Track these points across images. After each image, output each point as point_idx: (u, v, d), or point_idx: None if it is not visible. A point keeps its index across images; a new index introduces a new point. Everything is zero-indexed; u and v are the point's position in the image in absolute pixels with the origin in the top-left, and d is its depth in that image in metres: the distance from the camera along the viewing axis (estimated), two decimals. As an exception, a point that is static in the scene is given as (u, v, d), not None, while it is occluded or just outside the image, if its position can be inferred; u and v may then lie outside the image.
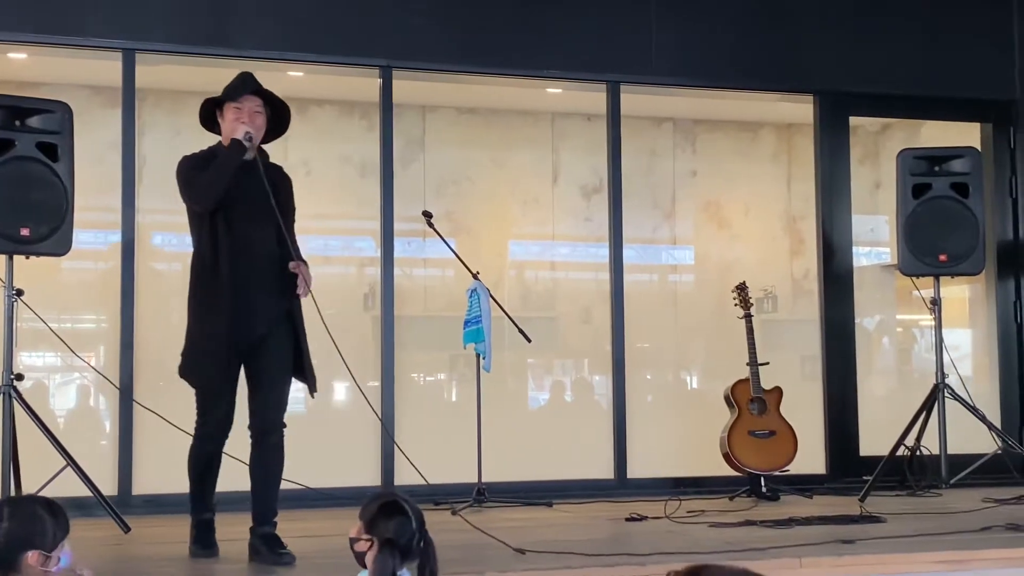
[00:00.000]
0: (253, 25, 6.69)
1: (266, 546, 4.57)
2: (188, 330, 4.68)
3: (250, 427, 4.69)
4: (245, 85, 4.80)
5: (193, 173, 4.66)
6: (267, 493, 4.71)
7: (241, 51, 6.70)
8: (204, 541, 4.77)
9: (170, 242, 7.72)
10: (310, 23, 6.78)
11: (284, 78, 7.38)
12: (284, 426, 4.74)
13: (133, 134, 6.59)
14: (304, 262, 4.73)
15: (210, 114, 4.85)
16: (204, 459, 4.77)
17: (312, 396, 4.85)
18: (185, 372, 4.66)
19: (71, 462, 5.35)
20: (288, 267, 4.65)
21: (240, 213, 4.60)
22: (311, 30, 6.78)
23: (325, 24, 6.80)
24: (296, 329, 4.72)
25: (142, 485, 6.44)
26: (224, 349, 4.54)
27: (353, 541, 3.17)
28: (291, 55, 6.84)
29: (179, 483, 6.48)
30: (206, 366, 4.59)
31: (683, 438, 7.64)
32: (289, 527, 4.89)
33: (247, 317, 4.56)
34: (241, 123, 4.66)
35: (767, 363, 6.93)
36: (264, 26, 6.71)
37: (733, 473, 6.87)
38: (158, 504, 6.30)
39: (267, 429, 4.67)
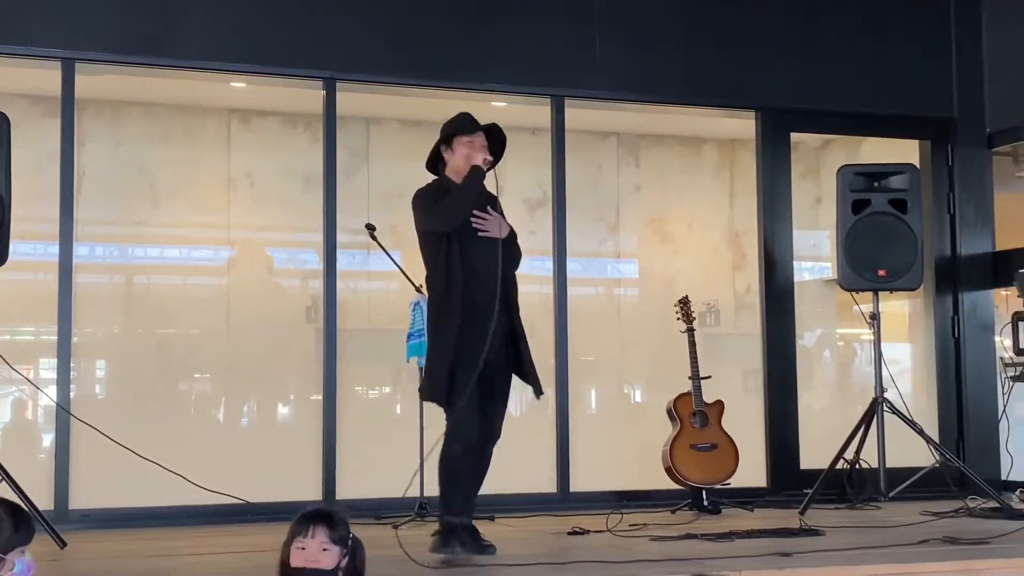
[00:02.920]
0: (196, 35, 6.64)
1: (470, 537, 4.97)
2: (436, 351, 5.01)
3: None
4: (475, 123, 5.24)
5: (433, 200, 5.06)
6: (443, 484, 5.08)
7: (184, 61, 6.65)
8: (479, 542, 5.00)
9: (111, 254, 7.64)
10: (254, 34, 6.73)
11: (227, 89, 7.35)
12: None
13: (72, 144, 6.51)
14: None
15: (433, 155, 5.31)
16: (457, 461, 5.03)
17: (537, 398, 5.33)
18: (436, 393, 4.97)
19: (6, 476, 5.27)
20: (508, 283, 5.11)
21: (474, 238, 5.02)
22: (255, 41, 6.73)
23: (269, 35, 6.76)
24: (519, 342, 5.13)
25: (79, 500, 6.35)
26: (472, 368, 4.88)
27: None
28: (234, 66, 6.79)
29: (116, 498, 6.44)
30: (460, 386, 4.89)
31: (626, 451, 7.66)
32: (228, 542, 4.85)
33: (485, 338, 4.91)
34: (477, 151, 5.11)
35: (709, 377, 6.97)
36: (207, 36, 6.66)
37: (675, 486, 6.89)
38: (95, 519, 6.23)
39: (492, 439, 5.13)
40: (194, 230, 7.76)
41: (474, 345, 4.89)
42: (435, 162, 5.33)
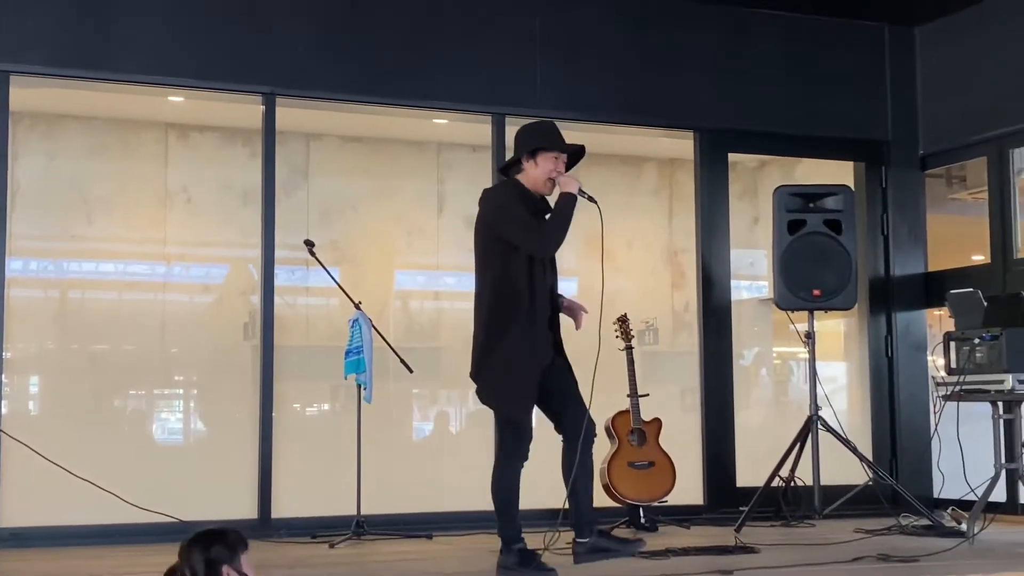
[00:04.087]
0: (134, 49, 6.57)
1: (611, 540, 5.11)
2: (500, 360, 4.95)
3: (565, 431, 5.11)
4: (564, 141, 5.19)
5: (521, 212, 5.00)
6: (586, 492, 5.19)
7: (121, 75, 6.59)
8: (540, 564, 4.98)
9: (45, 268, 7.55)
10: (193, 48, 6.68)
11: (165, 103, 7.29)
12: None
13: (6, 158, 6.41)
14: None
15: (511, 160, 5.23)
16: (518, 479, 5.07)
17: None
18: (503, 402, 4.99)
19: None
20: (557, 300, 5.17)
21: (545, 260, 5.09)
22: (193, 55, 6.68)
23: (208, 49, 6.71)
24: (563, 353, 5.19)
25: (9, 518, 6.25)
26: (535, 378, 4.94)
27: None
28: (172, 80, 6.73)
29: (48, 516, 6.34)
30: (526, 395, 4.94)
31: (564, 469, 7.65)
32: (161, 561, 4.78)
33: (544, 349, 5.01)
34: (569, 176, 5.11)
35: (647, 395, 7.00)
36: (145, 50, 6.60)
37: (613, 504, 6.91)
38: (25, 538, 6.12)
39: (581, 435, 5.09)
40: (130, 245, 7.69)
41: (539, 356, 4.96)
42: (508, 169, 5.26)
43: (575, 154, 5.25)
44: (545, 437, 5.28)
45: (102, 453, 6.87)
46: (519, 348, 4.92)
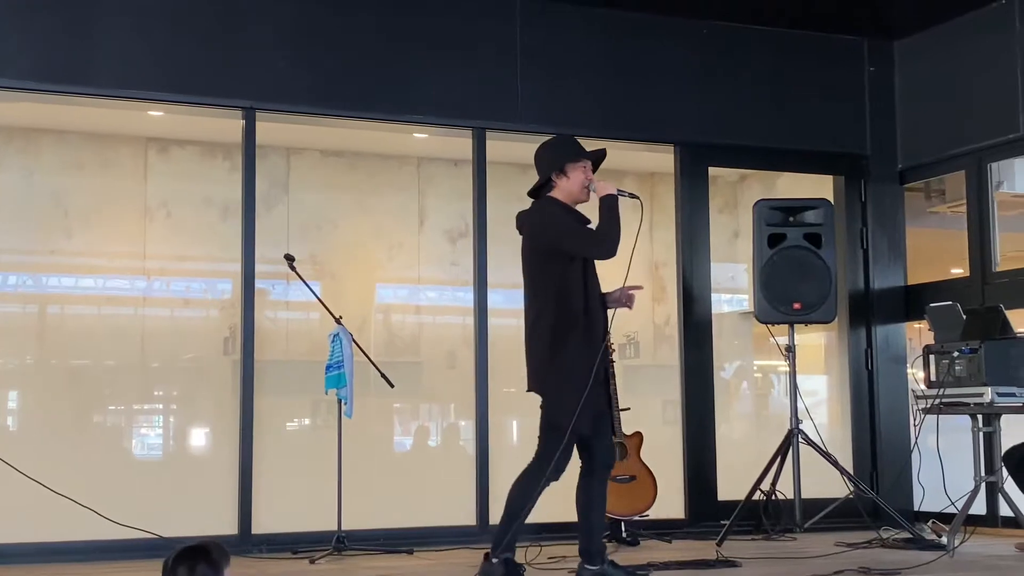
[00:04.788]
0: (113, 63, 6.55)
1: (620, 570, 5.17)
2: (561, 375, 4.96)
3: (591, 460, 5.16)
4: (584, 149, 5.26)
5: (572, 223, 5.09)
6: (602, 521, 5.30)
7: (101, 89, 6.57)
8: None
9: (24, 283, 7.52)
10: (172, 62, 6.66)
11: (144, 117, 7.27)
12: None
13: (-16, 171, 6.40)
14: None
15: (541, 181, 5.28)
16: (537, 494, 5.10)
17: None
18: (567, 415, 4.92)
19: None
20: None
21: (592, 265, 5.12)
22: (173, 70, 6.66)
23: (187, 64, 6.69)
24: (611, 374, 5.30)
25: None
26: (595, 391, 4.98)
27: None
28: (152, 94, 6.71)
29: (27, 532, 6.29)
30: (585, 410, 4.92)
31: (547, 483, 7.65)
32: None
33: (602, 364, 5.06)
34: (605, 180, 5.17)
35: (628, 408, 7.00)
36: (124, 64, 6.58)
37: (595, 518, 6.89)
38: (5, 554, 6.08)
39: (609, 465, 5.25)
40: (109, 260, 7.66)
41: (596, 373, 4.98)
42: (538, 189, 5.29)
43: (599, 160, 5.33)
44: (521, 454, 5.29)
45: (81, 469, 6.84)
46: (581, 363, 4.94)
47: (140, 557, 6.17)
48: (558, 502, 7.27)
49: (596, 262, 5.16)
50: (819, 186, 8.17)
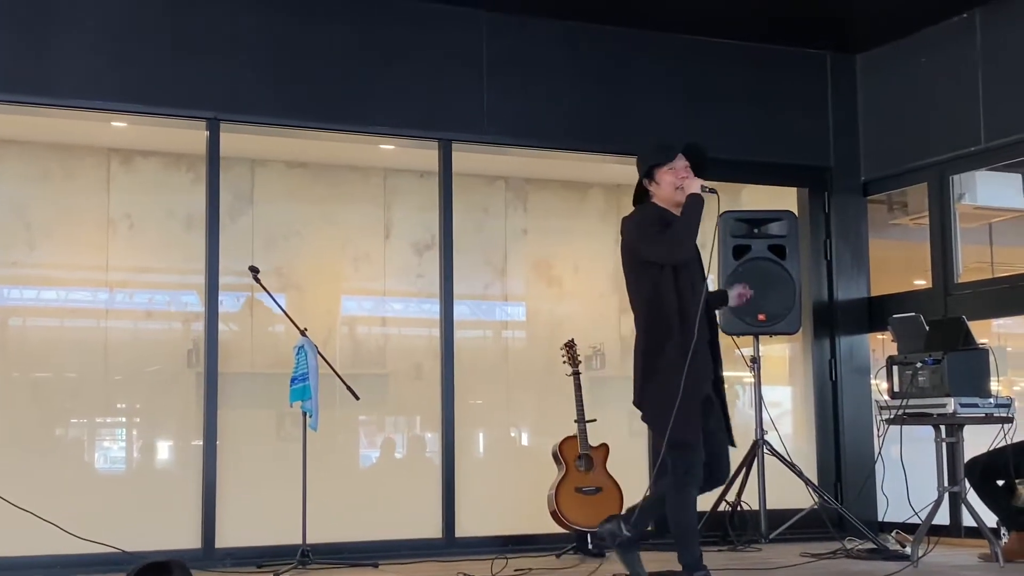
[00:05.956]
0: (76, 73, 6.50)
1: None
2: (661, 386, 4.88)
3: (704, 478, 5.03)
4: (674, 147, 5.15)
5: (655, 230, 4.99)
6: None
7: (63, 100, 6.52)
8: None
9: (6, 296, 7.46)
10: (135, 73, 6.62)
11: (107, 128, 7.22)
12: None
13: (-56, 183, 6.32)
14: None
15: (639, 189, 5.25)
16: (695, 505, 5.01)
17: (734, 447, 5.21)
18: (667, 425, 4.84)
19: None
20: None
21: (694, 271, 5.03)
22: (136, 80, 6.62)
23: (151, 74, 6.65)
24: (721, 384, 5.10)
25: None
26: (698, 399, 4.89)
27: None
28: (115, 105, 6.65)
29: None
30: (692, 420, 4.85)
31: (513, 495, 7.65)
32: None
33: (704, 373, 4.97)
34: (688, 179, 5.03)
35: (595, 420, 7.01)
36: (87, 75, 6.53)
37: (561, 530, 6.90)
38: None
39: (721, 479, 5.18)
40: (72, 272, 7.59)
41: (700, 377, 4.90)
42: (641, 195, 5.24)
43: (694, 155, 5.20)
44: (488, 466, 5.27)
45: (43, 482, 6.76)
46: (677, 368, 4.83)
47: (102, 572, 6.11)
48: (525, 514, 7.30)
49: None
50: (783, 198, 8.21)
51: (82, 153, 7.63)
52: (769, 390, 7.33)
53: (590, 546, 6.75)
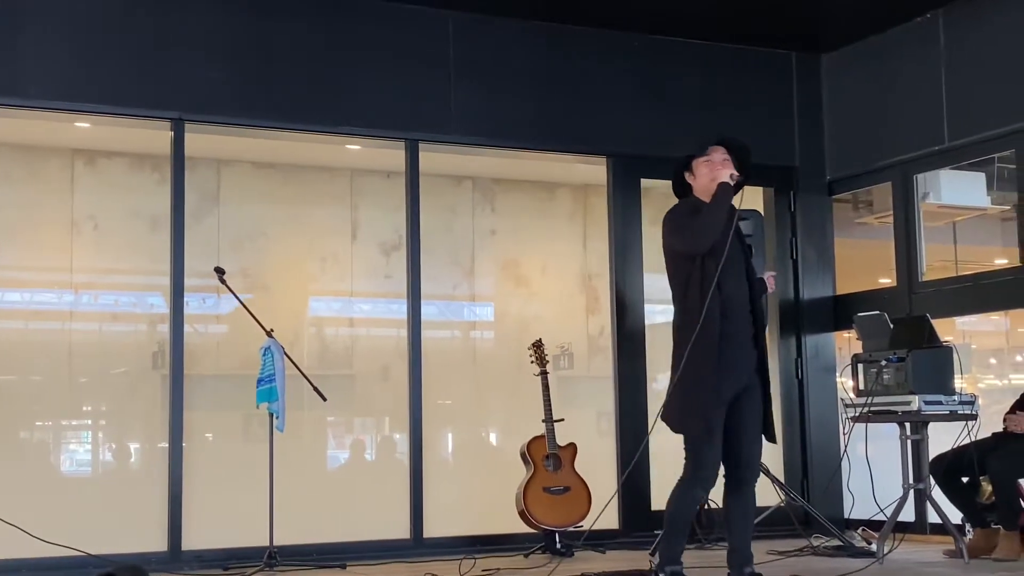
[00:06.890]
0: (39, 74, 6.45)
1: None
2: (682, 382, 4.88)
3: (728, 475, 5.00)
4: (708, 138, 5.18)
5: (684, 220, 4.99)
6: (748, 536, 5.05)
7: (26, 100, 6.48)
8: None
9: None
10: (99, 73, 6.58)
11: (71, 129, 7.17)
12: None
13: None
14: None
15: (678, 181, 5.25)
16: (695, 505, 5.09)
17: (774, 442, 5.14)
18: (681, 423, 4.90)
19: None
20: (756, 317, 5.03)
21: (725, 267, 4.91)
22: (100, 80, 6.57)
23: (115, 74, 6.61)
24: (765, 382, 5.03)
25: None
26: (718, 400, 4.82)
27: None
28: (79, 105, 6.62)
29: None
30: (705, 417, 4.82)
31: (481, 496, 7.65)
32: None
33: (735, 369, 4.87)
34: (720, 168, 5.02)
35: (562, 420, 7.02)
36: (50, 75, 6.48)
37: (529, 530, 6.90)
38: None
39: (748, 479, 5.01)
40: (35, 273, 7.52)
41: (724, 374, 4.83)
42: (683, 189, 5.24)
43: (731, 147, 5.19)
44: (456, 466, 5.27)
45: (7, 485, 6.70)
46: (698, 365, 4.81)
47: (68, 575, 6.07)
48: (493, 514, 7.30)
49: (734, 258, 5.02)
50: (749, 197, 8.19)
51: (46, 154, 7.57)
52: (736, 389, 7.34)
53: (558, 545, 6.75)
